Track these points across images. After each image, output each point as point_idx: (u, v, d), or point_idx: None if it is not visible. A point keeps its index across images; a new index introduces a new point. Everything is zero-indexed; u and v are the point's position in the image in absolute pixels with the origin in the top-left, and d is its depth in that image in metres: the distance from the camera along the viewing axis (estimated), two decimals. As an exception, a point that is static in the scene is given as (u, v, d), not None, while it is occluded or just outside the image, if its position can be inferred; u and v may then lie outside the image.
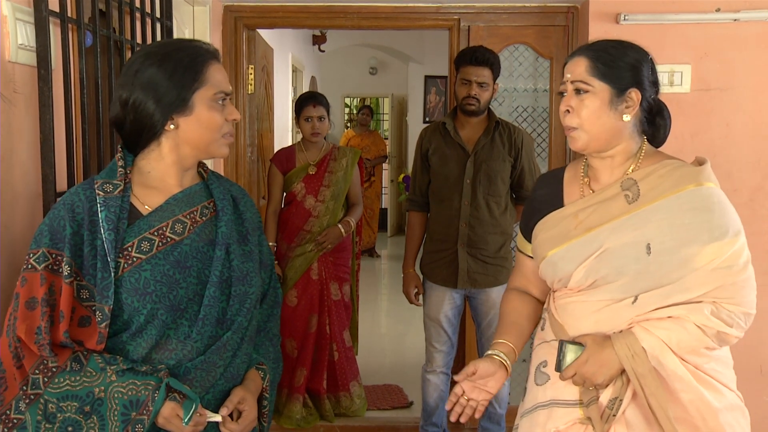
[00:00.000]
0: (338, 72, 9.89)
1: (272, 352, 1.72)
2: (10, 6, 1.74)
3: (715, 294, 1.55)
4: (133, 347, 1.47)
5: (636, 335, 1.56)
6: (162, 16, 2.59)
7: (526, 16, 3.45)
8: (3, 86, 1.72)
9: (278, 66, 5.28)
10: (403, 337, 5.43)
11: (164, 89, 1.48)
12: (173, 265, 1.49)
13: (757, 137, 3.12)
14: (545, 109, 3.55)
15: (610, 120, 1.62)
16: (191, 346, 1.49)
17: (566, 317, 1.68)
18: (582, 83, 1.63)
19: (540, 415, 1.69)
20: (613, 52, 1.64)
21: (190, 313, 1.50)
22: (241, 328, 1.56)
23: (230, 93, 1.55)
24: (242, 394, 1.56)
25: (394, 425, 3.68)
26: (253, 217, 1.68)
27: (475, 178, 3.00)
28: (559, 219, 1.71)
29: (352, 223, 3.69)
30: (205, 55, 1.52)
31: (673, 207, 1.58)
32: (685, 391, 1.57)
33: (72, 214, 1.46)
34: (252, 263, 1.60)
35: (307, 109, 3.62)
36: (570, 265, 1.65)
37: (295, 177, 3.64)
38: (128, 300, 1.45)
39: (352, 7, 3.48)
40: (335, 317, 3.70)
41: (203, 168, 1.66)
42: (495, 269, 3.05)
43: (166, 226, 1.51)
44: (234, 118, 1.55)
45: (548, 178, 1.86)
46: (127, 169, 1.53)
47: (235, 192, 1.67)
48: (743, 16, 3.04)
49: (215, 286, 1.51)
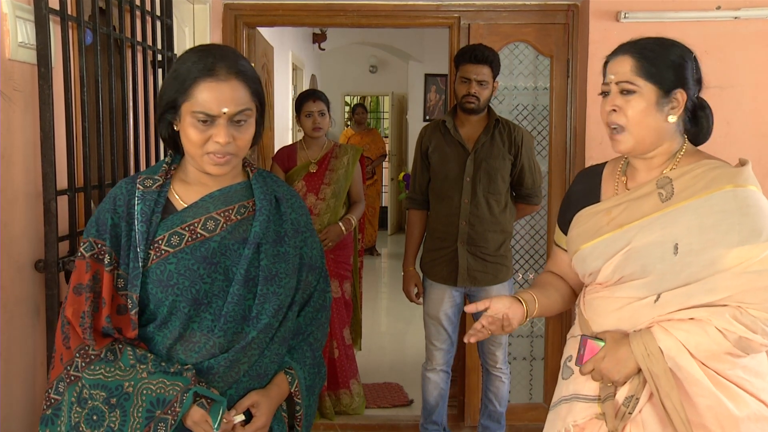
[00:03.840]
0: (338, 70, 9.89)
1: (310, 357, 1.68)
2: (10, 4, 1.73)
3: (741, 298, 1.50)
4: (160, 338, 1.51)
5: (654, 335, 1.54)
6: (162, 15, 2.59)
7: (526, 14, 3.45)
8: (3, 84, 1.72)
9: (278, 64, 5.28)
10: (403, 336, 5.44)
11: (164, 91, 1.52)
12: (199, 260, 1.51)
13: (757, 135, 3.12)
14: (545, 107, 3.55)
15: (656, 121, 1.59)
16: (214, 341, 1.51)
17: (591, 313, 1.69)
18: (628, 83, 1.59)
19: (562, 409, 1.70)
20: (657, 50, 1.60)
21: (214, 308, 1.52)
22: (269, 328, 1.55)
23: (216, 114, 1.46)
24: (256, 399, 1.55)
25: (394, 423, 3.68)
26: (298, 218, 1.66)
27: (475, 176, 3.00)
28: (593, 214, 1.71)
29: (353, 221, 3.69)
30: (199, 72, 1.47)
31: (703, 207, 1.55)
32: (702, 395, 1.52)
33: (113, 206, 1.54)
34: (285, 264, 1.58)
35: (307, 104, 3.63)
36: (599, 261, 1.65)
37: (296, 175, 3.65)
38: (153, 291, 1.50)
39: (352, 5, 3.48)
40: (335, 315, 3.69)
41: (250, 167, 1.66)
42: (495, 267, 3.05)
43: (198, 222, 1.53)
44: (216, 140, 1.47)
45: (587, 173, 1.85)
46: (171, 166, 1.60)
47: (281, 192, 1.65)
48: (743, 14, 3.04)
49: (240, 284, 1.52)
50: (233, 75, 1.49)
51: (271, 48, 4.34)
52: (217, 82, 1.47)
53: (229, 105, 1.47)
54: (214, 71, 1.48)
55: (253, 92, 1.54)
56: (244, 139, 1.52)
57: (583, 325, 1.71)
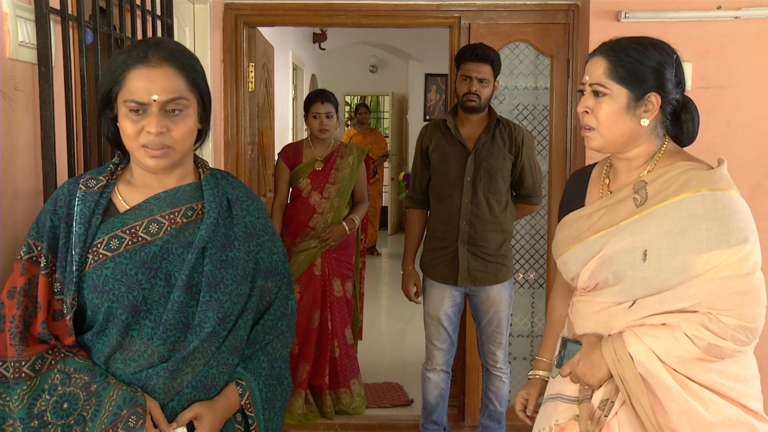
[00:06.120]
0: (338, 70, 9.88)
1: (267, 367, 1.59)
2: (10, 3, 1.73)
3: (712, 304, 1.48)
4: (99, 346, 1.46)
5: (625, 340, 1.54)
6: (162, 14, 2.59)
7: (527, 14, 3.45)
8: (3, 84, 1.72)
9: (279, 64, 5.28)
10: (403, 335, 5.44)
11: (100, 84, 1.49)
12: (137, 265, 1.44)
13: (757, 135, 3.12)
14: (546, 107, 3.55)
15: (627, 124, 1.59)
16: (152, 350, 1.44)
17: (575, 315, 1.71)
18: (599, 86, 1.59)
19: (548, 407, 1.73)
20: (634, 54, 1.58)
21: (155, 315, 1.45)
22: (213, 336, 1.47)
23: (146, 102, 1.40)
24: (199, 411, 1.47)
25: (395, 423, 3.68)
26: (254, 221, 1.59)
27: (475, 176, 3.00)
28: (575, 219, 1.71)
29: (357, 220, 3.70)
30: (131, 59, 1.43)
31: (672, 213, 1.53)
32: (673, 401, 1.51)
33: (54, 208, 1.48)
34: (232, 270, 1.50)
35: (315, 105, 3.66)
36: (577, 266, 1.67)
37: (301, 172, 3.67)
38: (89, 296, 1.45)
39: (352, 4, 3.48)
40: (337, 314, 3.71)
41: (203, 167, 1.59)
42: (495, 267, 3.05)
43: (140, 225, 1.47)
44: (148, 130, 1.41)
45: (577, 175, 1.86)
46: (118, 167, 1.54)
47: (234, 194, 1.57)
48: (744, 14, 3.04)
49: (181, 290, 1.45)
50: (165, 61, 1.43)
51: (272, 48, 4.34)
52: (148, 69, 1.42)
53: (160, 92, 1.41)
54: (146, 57, 1.42)
55: (191, 83, 1.47)
56: (179, 130, 1.44)
57: (569, 327, 1.73)
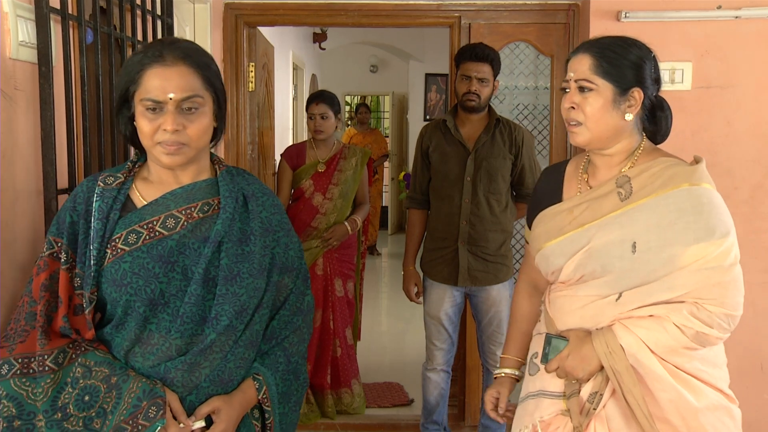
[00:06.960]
0: (339, 70, 9.89)
1: (284, 362, 1.62)
2: (11, 3, 1.74)
3: (698, 294, 1.55)
4: (118, 339, 1.48)
5: (615, 333, 1.59)
6: (163, 14, 2.59)
7: (527, 13, 3.45)
8: (4, 83, 1.72)
9: (279, 64, 5.28)
10: (404, 335, 5.43)
11: (117, 84, 1.51)
12: (155, 258, 1.47)
13: (757, 135, 3.11)
14: (546, 107, 3.55)
15: (612, 119, 1.64)
16: (170, 343, 1.46)
17: (555, 311, 1.73)
18: (586, 81, 1.63)
19: (529, 404, 1.75)
20: (616, 50, 1.64)
21: (173, 309, 1.48)
22: (230, 330, 1.49)
23: (162, 101, 1.44)
24: (217, 405, 1.49)
25: (395, 423, 3.69)
26: (270, 217, 1.61)
27: (475, 176, 3.00)
28: (555, 213, 1.74)
29: (359, 221, 3.72)
30: (147, 59, 1.46)
31: (660, 206, 1.59)
32: (663, 390, 1.57)
33: (73, 204, 1.52)
34: (249, 264, 1.52)
35: (311, 106, 3.69)
36: (561, 259, 1.69)
37: (304, 174, 3.68)
38: (108, 290, 1.47)
39: (352, 4, 3.48)
40: (338, 313, 3.71)
41: (219, 164, 1.62)
42: (495, 267, 3.05)
43: (157, 220, 1.50)
44: (164, 128, 1.44)
45: (551, 171, 1.89)
46: (135, 165, 1.58)
47: (250, 190, 1.60)
48: (744, 14, 3.04)
49: (198, 284, 1.47)
50: (181, 60, 1.46)
51: (272, 47, 4.34)
52: (164, 68, 1.45)
53: (176, 90, 1.44)
54: (162, 56, 1.45)
55: (206, 81, 1.49)
56: (195, 128, 1.47)
57: (548, 323, 1.74)
